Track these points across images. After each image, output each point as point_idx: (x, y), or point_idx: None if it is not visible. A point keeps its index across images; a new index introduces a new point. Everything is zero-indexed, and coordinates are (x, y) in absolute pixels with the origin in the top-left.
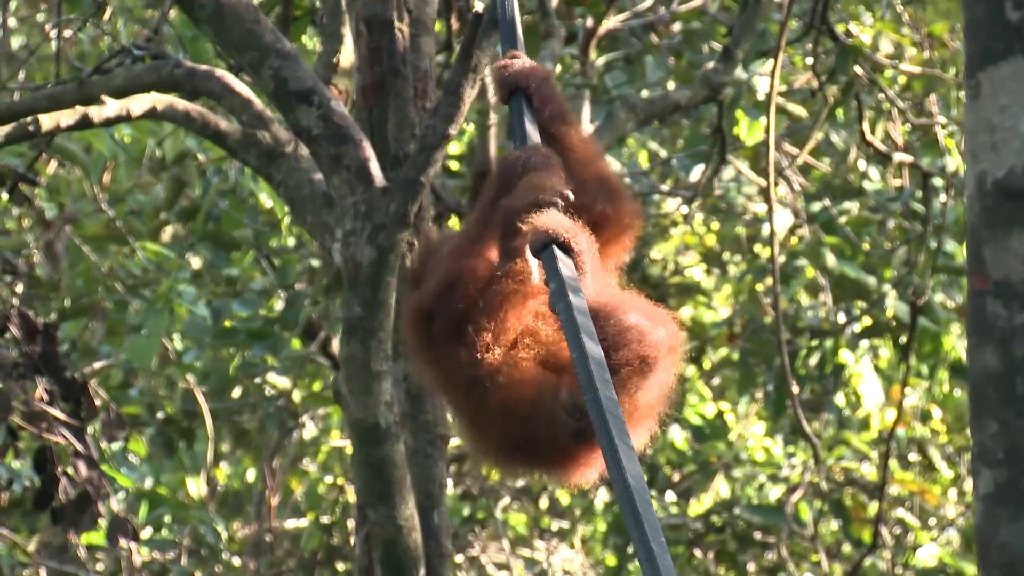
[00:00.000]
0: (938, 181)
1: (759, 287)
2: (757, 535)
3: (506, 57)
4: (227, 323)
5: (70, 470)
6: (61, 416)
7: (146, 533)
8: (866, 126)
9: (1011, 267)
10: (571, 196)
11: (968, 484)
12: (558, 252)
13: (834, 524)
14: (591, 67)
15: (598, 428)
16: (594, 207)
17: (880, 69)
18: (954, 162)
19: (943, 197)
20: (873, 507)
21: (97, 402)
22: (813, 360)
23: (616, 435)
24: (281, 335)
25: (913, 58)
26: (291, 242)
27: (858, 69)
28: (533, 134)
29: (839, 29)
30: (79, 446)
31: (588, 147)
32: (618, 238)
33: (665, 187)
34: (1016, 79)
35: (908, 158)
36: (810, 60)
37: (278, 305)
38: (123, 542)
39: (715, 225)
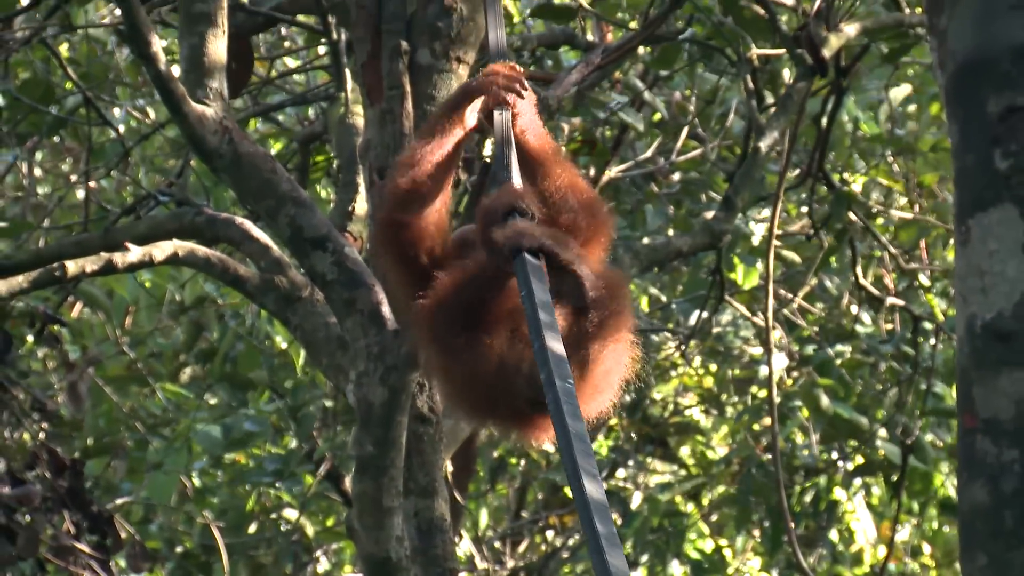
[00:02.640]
0: (927, 324)
1: (755, 427)
2: None
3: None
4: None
5: None
6: (87, 549)
7: None
8: (859, 271)
9: (1000, 406)
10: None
11: None
12: (528, 258)
13: None
14: None
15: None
16: (572, 221)
17: (873, 216)
18: (942, 306)
19: (932, 339)
20: None
21: (122, 535)
22: (808, 497)
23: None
24: (296, 472)
25: (903, 207)
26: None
27: (852, 216)
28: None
29: (834, 177)
30: None
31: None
32: (595, 240)
33: (666, 332)
34: (1004, 225)
35: (899, 302)
36: (804, 208)
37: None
38: None
39: (713, 367)
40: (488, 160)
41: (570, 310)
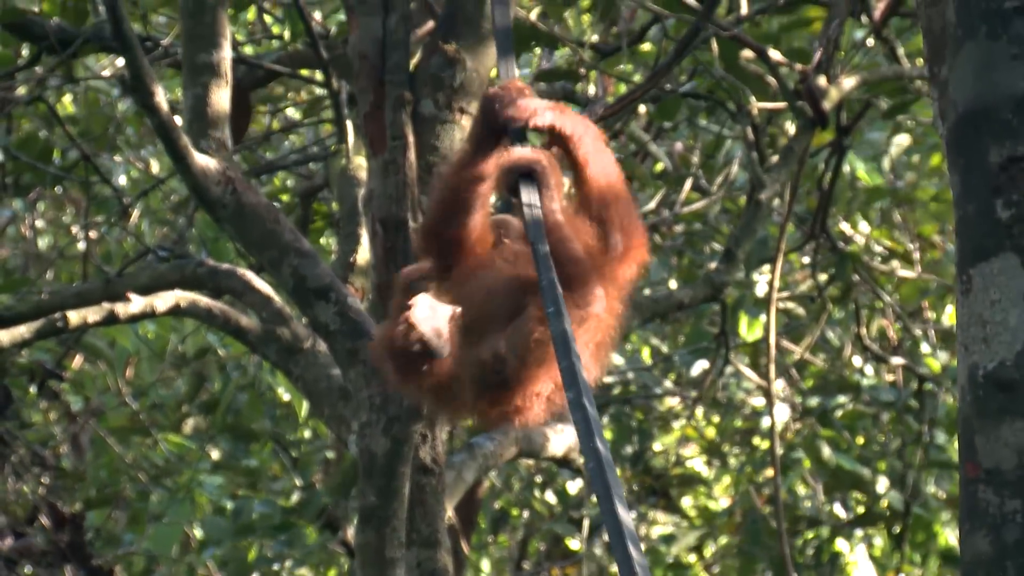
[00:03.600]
0: (929, 385)
1: (758, 478)
2: None
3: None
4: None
5: None
6: None
7: None
8: (863, 331)
9: (1002, 456)
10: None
11: None
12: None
13: None
14: None
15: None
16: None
17: (877, 279)
18: (943, 359)
19: (931, 388)
20: None
21: None
22: (810, 548)
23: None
24: (299, 527)
25: (905, 264)
26: (307, 434)
27: (855, 275)
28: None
29: (835, 231)
30: None
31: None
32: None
33: (668, 382)
34: (1006, 275)
35: (902, 361)
36: (807, 259)
37: (295, 496)
38: None
39: (715, 419)
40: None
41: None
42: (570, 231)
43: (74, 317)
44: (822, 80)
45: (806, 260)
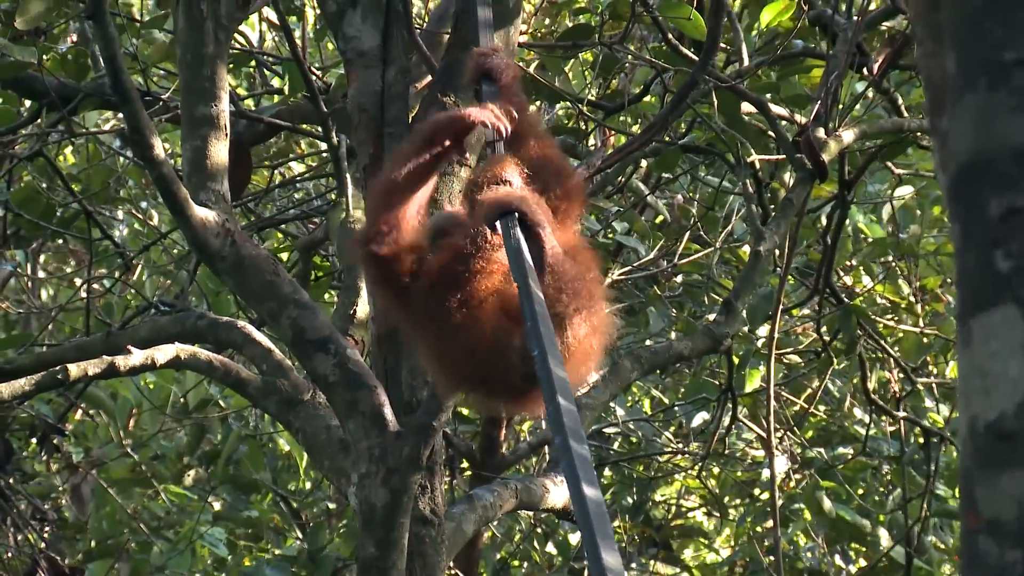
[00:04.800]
0: (934, 439)
1: (759, 529)
2: None
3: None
4: None
5: None
6: None
7: None
8: (866, 382)
9: (1003, 506)
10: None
11: None
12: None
13: None
14: None
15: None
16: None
17: (880, 334)
18: (945, 412)
19: (933, 440)
20: None
21: None
22: None
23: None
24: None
25: (907, 318)
26: (308, 485)
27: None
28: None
29: (839, 284)
30: None
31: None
32: (568, 209)
33: (668, 433)
34: (1006, 326)
35: (905, 415)
36: (807, 311)
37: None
38: None
39: (716, 470)
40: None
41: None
42: (567, 258)
43: (75, 370)
44: (821, 133)
45: (807, 312)
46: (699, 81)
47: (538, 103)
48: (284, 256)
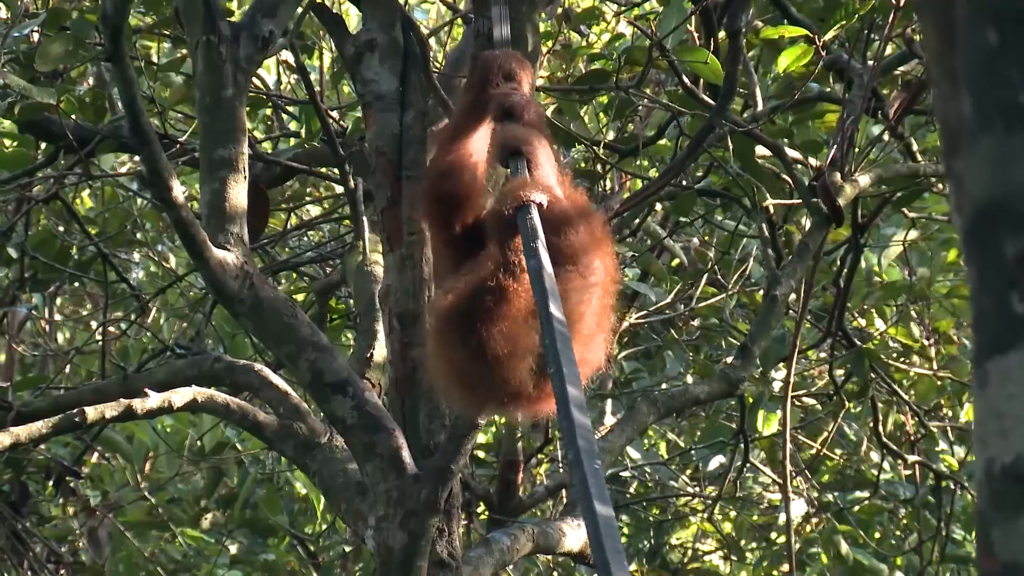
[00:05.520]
0: (948, 483)
1: (775, 573)
2: None
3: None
4: None
5: None
6: None
7: None
8: (881, 429)
9: (1019, 549)
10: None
11: None
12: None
13: None
14: (614, 361)
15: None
16: None
17: (893, 377)
18: (959, 455)
19: (950, 487)
20: None
21: None
22: None
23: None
24: None
25: (921, 361)
26: (324, 527)
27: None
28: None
29: (853, 327)
30: None
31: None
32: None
33: (684, 476)
34: (1023, 368)
35: (919, 459)
36: (823, 354)
37: None
38: None
39: (732, 513)
40: None
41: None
42: (566, 202)
43: (92, 413)
44: (837, 177)
45: (822, 354)
46: (716, 126)
47: (555, 147)
48: (300, 297)
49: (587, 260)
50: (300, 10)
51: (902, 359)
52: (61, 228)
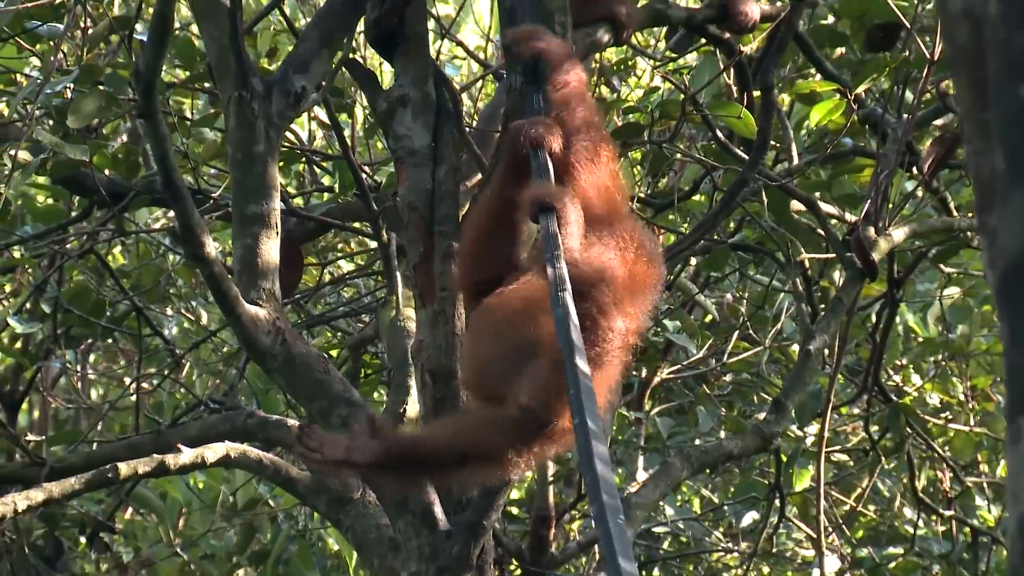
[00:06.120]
0: (980, 538)
1: None
2: None
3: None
4: None
5: None
6: None
7: None
8: (916, 484)
9: None
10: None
11: None
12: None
13: None
14: (645, 417)
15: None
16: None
17: (930, 432)
18: (995, 511)
19: (985, 543)
20: None
21: None
22: None
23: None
24: None
25: (958, 416)
26: None
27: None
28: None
29: (889, 384)
30: None
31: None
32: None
33: (719, 532)
34: None
35: (954, 513)
36: (856, 410)
37: None
38: None
39: (766, 569)
40: None
41: None
42: (587, 268)
43: (125, 468)
44: (871, 231)
45: (855, 411)
46: (748, 180)
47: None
48: (334, 353)
49: (603, 327)
50: (333, 65)
51: (940, 415)
52: (95, 283)
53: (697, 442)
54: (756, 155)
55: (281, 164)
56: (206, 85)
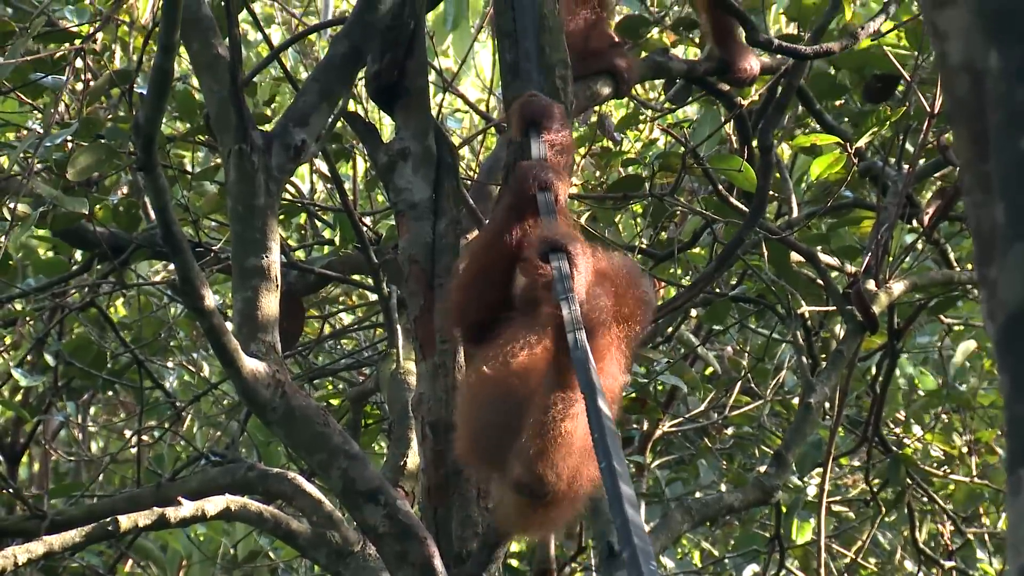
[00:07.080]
0: None
1: None
2: None
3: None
4: None
5: None
6: None
7: None
8: (916, 534)
9: None
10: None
11: None
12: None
13: None
14: (647, 469)
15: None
16: None
17: (931, 482)
18: (996, 565)
19: None
20: None
21: None
22: None
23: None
24: None
25: (959, 468)
26: None
27: (909, 478)
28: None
29: (890, 436)
30: None
31: None
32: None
33: None
34: None
35: (957, 565)
36: (856, 462)
37: None
38: None
39: None
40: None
41: None
42: (595, 307)
43: (125, 521)
44: (871, 284)
45: (856, 463)
46: (745, 239)
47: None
48: (335, 402)
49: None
50: (332, 119)
51: (941, 467)
52: (96, 335)
53: (698, 495)
54: (754, 215)
55: (282, 217)
56: (206, 138)
